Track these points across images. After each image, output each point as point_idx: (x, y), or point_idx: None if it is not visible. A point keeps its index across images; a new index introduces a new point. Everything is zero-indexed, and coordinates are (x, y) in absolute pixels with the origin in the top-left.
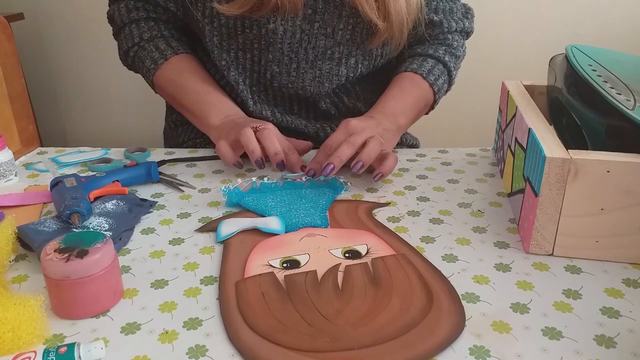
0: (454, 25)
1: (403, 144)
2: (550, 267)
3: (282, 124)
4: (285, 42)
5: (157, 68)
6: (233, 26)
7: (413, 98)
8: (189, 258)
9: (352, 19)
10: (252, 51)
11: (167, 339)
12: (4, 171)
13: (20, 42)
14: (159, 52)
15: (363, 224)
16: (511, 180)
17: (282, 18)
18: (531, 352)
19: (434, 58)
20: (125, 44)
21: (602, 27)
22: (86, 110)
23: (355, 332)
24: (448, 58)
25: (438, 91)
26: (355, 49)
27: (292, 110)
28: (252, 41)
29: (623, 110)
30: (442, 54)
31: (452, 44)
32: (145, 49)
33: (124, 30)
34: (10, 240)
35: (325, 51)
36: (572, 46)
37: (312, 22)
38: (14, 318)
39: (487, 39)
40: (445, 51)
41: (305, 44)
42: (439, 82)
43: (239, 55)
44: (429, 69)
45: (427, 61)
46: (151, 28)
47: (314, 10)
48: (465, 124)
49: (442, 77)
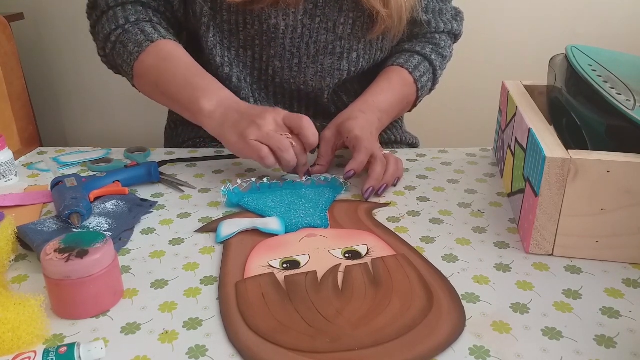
0: (442, 26)
1: (403, 143)
2: (550, 267)
3: None
4: (287, 37)
5: (142, 51)
6: (235, 22)
7: (399, 95)
8: (189, 258)
9: (352, 12)
10: (253, 48)
11: (167, 339)
12: (4, 171)
13: (20, 42)
14: (145, 35)
15: (363, 224)
16: (511, 180)
17: (283, 13)
18: (531, 352)
19: (420, 55)
20: (108, 27)
21: (602, 27)
22: (86, 110)
23: (355, 332)
24: (435, 57)
25: (421, 88)
26: (357, 43)
27: (292, 108)
28: (253, 37)
29: (623, 110)
30: (429, 52)
31: (439, 44)
32: (129, 32)
33: (107, 13)
34: (10, 240)
35: (327, 46)
36: (572, 46)
37: (313, 17)
38: (14, 318)
39: (487, 39)
40: (433, 50)
41: (307, 39)
42: (424, 80)
43: (240, 53)
44: (415, 64)
45: (414, 57)
46: (139, 12)
47: (314, 5)
48: (465, 124)
49: (427, 74)
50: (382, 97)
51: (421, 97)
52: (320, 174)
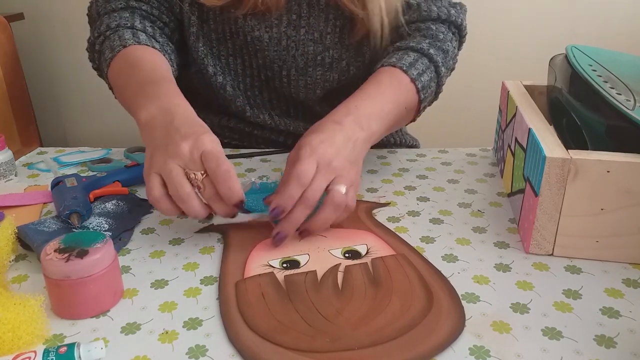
0: (434, 10)
1: (403, 145)
2: (550, 267)
3: (280, 127)
4: (272, 50)
5: (113, 57)
6: (222, 32)
7: (392, 99)
8: (189, 258)
9: (339, 20)
10: (242, 56)
11: (167, 339)
12: (4, 171)
13: (20, 42)
14: (120, 41)
15: (363, 224)
16: (511, 180)
17: (266, 25)
18: (531, 352)
19: (415, 50)
20: (92, 36)
21: (602, 27)
22: (86, 110)
23: (355, 332)
24: (434, 51)
25: (422, 89)
26: (345, 51)
27: (289, 113)
28: (241, 47)
29: (623, 110)
30: (425, 46)
31: (437, 36)
32: (109, 39)
33: (96, 22)
34: (10, 240)
35: (315, 57)
36: (572, 46)
37: (297, 28)
38: (14, 318)
39: (487, 39)
40: (430, 44)
41: (293, 51)
42: (424, 79)
43: (230, 61)
44: (410, 62)
45: (408, 54)
46: (122, 18)
47: (298, 16)
48: (465, 124)
49: (428, 73)
50: (368, 102)
51: (425, 101)
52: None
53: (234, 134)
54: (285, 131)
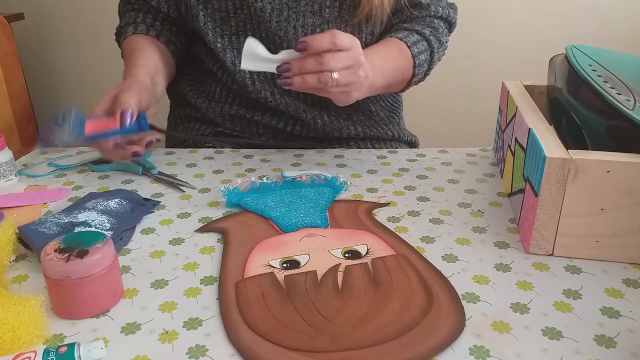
0: (440, 10)
1: (401, 141)
2: (550, 267)
3: (280, 106)
4: (274, 20)
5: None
6: (225, 9)
7: (395, 62)
8: (189, 258)
9: None
10: (245, 33)
11: (167, 339)
12: (4, 171)
13: (20, 42)
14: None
15: (363, 224)
16: (511, 180)
17: None
18: (531, 352)
19: (419, 34)
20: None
21: (602, 27)
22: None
23: (355, 332)
24: (433, 39)
25: (419, 65)
26: (345, 26)
27: (290, 92)
28: (244, 22)
29: (623, 110)
30: (428, 33)
31: (437, 29)
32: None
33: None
34: (11, 241)
35: (315, 29)
36: (572, 46)
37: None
38: (14, 318)
39: (487, 39)
40: (431, 33)
41: (294, 22)
42: (421, 58)
43: (233, 40)
44: (414, 41)
45: (412, 34)
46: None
47: None
48: (465, 124)
49: (425, 54)
50: (378, 57)
51: (417, 76)
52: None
53: (235, 125)
54: (286, 114)
